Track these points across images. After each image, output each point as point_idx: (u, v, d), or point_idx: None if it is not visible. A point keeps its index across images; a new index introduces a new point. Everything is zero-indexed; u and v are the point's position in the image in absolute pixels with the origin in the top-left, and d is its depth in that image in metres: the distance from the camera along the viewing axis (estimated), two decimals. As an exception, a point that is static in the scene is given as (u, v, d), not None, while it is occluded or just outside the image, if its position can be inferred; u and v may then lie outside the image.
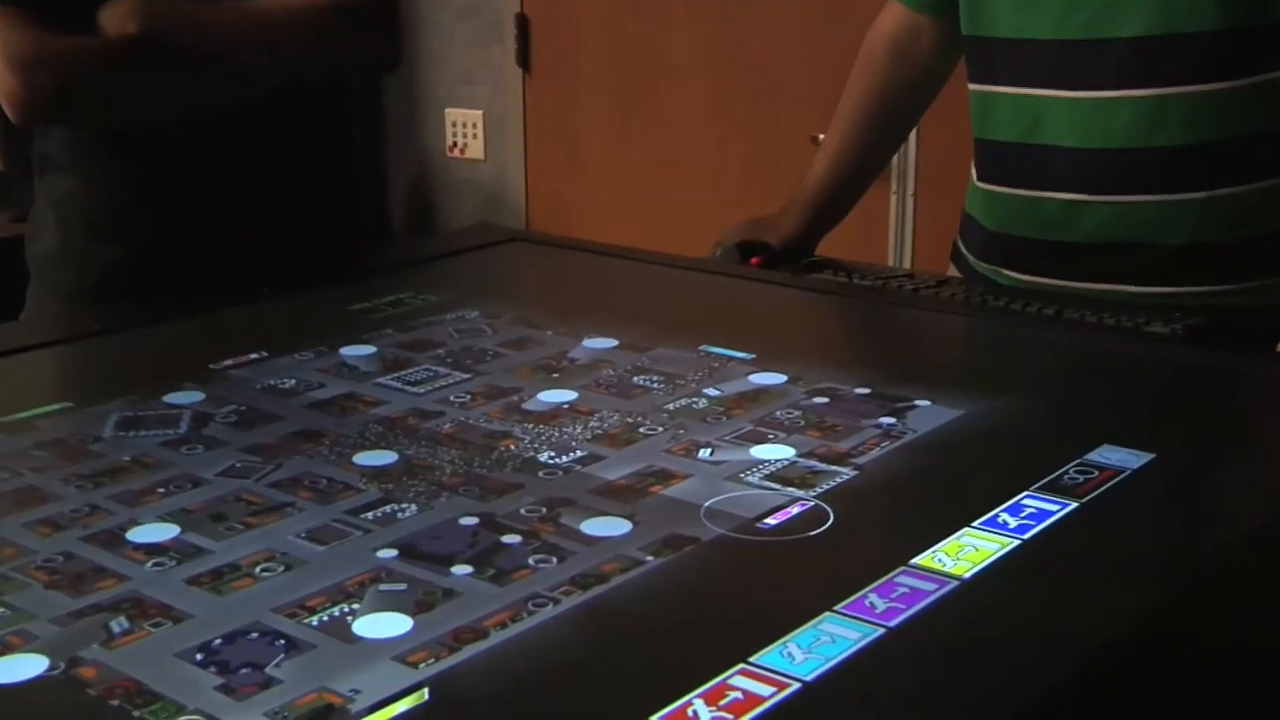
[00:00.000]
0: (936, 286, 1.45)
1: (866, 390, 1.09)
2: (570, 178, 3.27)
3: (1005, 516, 0.88)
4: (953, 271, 1.59)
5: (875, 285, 1.46)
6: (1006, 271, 1.50)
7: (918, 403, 1.06)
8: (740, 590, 0.82)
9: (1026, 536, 0.85)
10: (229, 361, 1.17)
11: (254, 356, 1.19)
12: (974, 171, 1.54)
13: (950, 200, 1.81)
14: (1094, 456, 0.96)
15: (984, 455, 1.00)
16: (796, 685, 0.69)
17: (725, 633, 0.76)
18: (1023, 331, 1.30)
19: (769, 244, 1.57)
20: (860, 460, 0.96)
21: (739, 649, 0.72)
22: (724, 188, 3.00)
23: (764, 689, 0.69)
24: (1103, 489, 0.91)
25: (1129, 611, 0.78)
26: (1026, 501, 0.89)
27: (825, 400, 1.08)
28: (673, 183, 3.10)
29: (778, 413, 1.05)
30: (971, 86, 1.50)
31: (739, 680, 0.70)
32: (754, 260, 1.55)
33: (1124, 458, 0.95)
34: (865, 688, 0.71)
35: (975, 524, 0.86)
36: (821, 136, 1.70)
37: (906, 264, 2.78)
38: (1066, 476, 0.93)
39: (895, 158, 2.59)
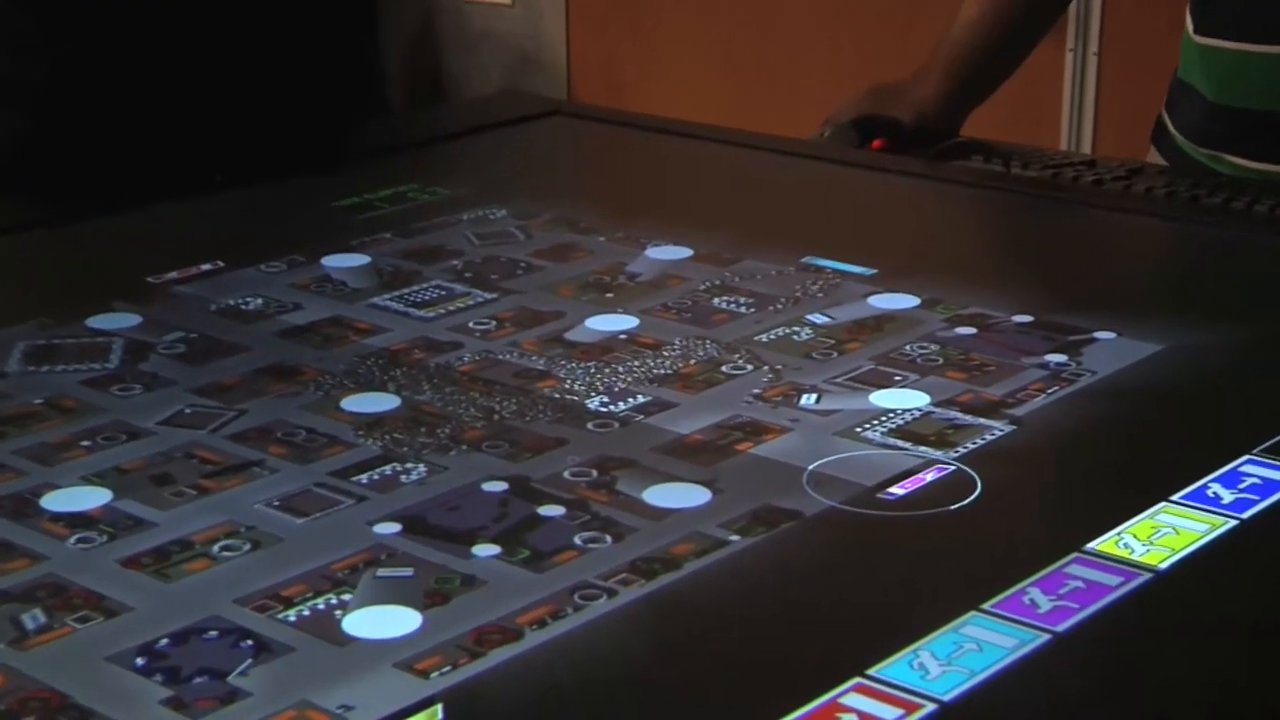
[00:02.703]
0: (1128, 177, 1.44)
1: (1028, 318, 1.10)
2: (628, 29, 3.27)
3: (1217, 489, 0.88)
4: (1153, 158, 1.58)
5: (1042, 176, 1.46)
6: (1231, 157, 1.49)
7: (1098, 335, 1.07)
8: (855, 581, 0.83)
9: (1246, 516, 0.86)
10: (173, 274, 1.19)
11: (207, 267, 1.21)
12: (1189, 21, 1.53)
13: (1149, 62, 1.79)
14: (1339, 409, 0.96)
15: (1189, 407, 1.00)
16: (931, 707, 0.70)
17: (836, 636, 0.77)
18: (1248, 239, 1.30)
19: (898, 120, 1.57)
20: (1019, 411, 0.97)
21: (854, 658, 0.73)
22: (837, 44, 2.99)
23: (887, 711, 0.70)
24: (1351, 453, 0.91)
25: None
26: (1247, 469, 0.90)
27: (972, 331, 1.08)
28: (768, 36, 3.09)
29: (907, 347, 1.06)
30: None
31: (854, 699, 0.71)
32: (876, 143, 1.55)
33: (1381, 411, 0.96)
34: (1022, 712, 0.72)
35: (1175, 498, 0.87)
36: (972, -27, 1.68)
37: (1086, 147, 2.77)
38: (1301, 435, 0.93)
39: (1073, 4, 2.57)
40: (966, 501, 0.88)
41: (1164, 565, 0.81)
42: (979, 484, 0.89)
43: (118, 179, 1.36)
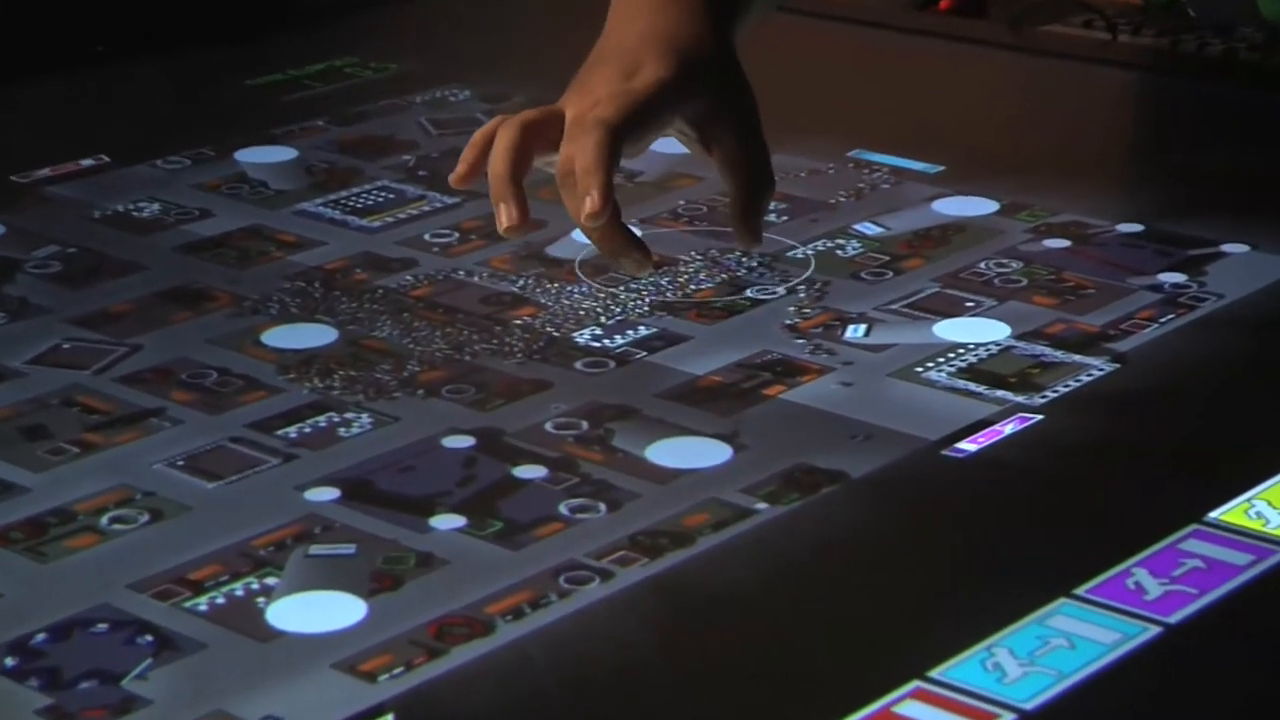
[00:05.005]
0: (1268, 46, 1.43)
1: (1136, 227, 1.10)
2: None
3: (1374, 443, 0.89)
4: None
5: (1158, 44, 1.45)
6: None
7: (1225, 248, 1.07)
8: (913, 560, 0.83)
9: None
10: (45, 171, 1.20)
11: (88, 163, 1.21)
12: None
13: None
14: None
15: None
16: (1009, 717, 0.71)
17: (889, 629, 0.78)
18: None
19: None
20: (1123, 345, 0.98)
21: (912, 656, 0.74)
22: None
23: (954, 723, 0.72)
24: None
25: None
26: None
27: (1064, 243, 1.09)
28: None
29: (983, 264, 1.07)
30: None
31: (912, 708, 0.71)
32: (944, 2, 1.55)
33: None
34: (1125, 724, 0.73)
35: (1322, 455, 0.88)
36: None
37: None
38: None
39: None
40: (1056, 459, 0.88)
41: (1306, 540, 0.82)
42: (1072, 437, 0.90)
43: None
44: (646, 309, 1.02)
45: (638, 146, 0.89)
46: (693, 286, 1.04)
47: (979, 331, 0.99)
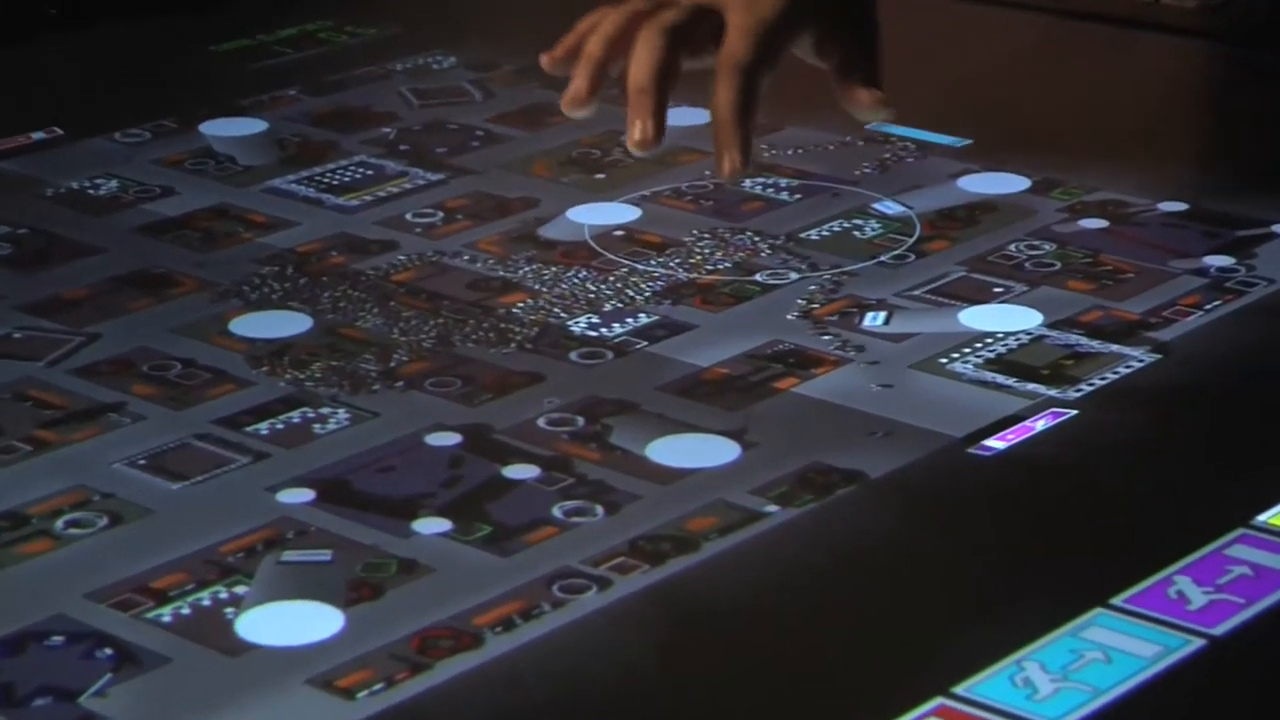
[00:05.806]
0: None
1: (1179, 206, 1.11)
2: None
3: None
4: None
5: (1205, 5, 1.46)
6: None
7: (1276, 229, 1.08)
8: (937, 566, 0.84)
9: None
10: (-6, 145, 1.21)
11: (40, 136, 1.22)
12: None
13: None
14: None
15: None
16: (1039, 738, 0.72)
17: (911, 641, 0.78)
18: None
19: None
20: (1165, 334, 0.98)
21: (935, 671, 0.74)
22: None
23: (980, 743, 0.72)
24: None
25: None
26: None
27: (1102, 224, 1.09)
28: None
29: (1012, 246, 1.07)
30: None
31: (935, 727, 0.72)
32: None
33: None
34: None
35: (1380, 454, 0.88)
36: None
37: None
38: None
39: None
40: (1091, 458, 0.89)
41: (1363, 546, 0.83)
42: (1109, 434, 0.90)
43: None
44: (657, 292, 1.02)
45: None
46: (707, 268, 1.05)
47: (1009, 319, 1.00)
